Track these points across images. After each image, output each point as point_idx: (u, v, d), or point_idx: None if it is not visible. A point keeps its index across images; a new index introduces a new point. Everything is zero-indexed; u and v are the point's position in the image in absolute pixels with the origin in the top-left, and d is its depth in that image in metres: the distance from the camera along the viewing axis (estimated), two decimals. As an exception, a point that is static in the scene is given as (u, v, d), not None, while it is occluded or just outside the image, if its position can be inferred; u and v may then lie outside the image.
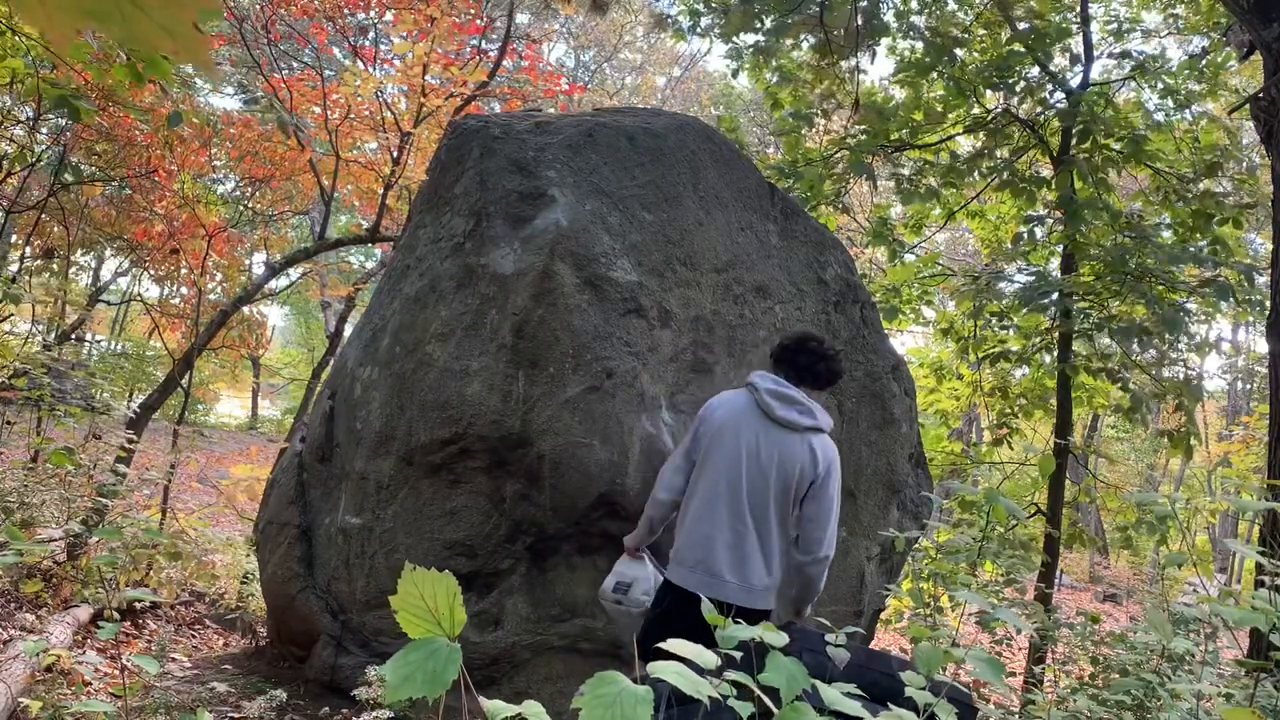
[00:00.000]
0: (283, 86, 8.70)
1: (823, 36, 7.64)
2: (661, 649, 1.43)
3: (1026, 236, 7.98)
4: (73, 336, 10.99)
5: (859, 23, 7.41)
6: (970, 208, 9.13)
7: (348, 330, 8.16)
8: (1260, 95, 5.88)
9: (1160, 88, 7.77)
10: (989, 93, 8.16)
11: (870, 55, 7.90)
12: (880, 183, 8.85)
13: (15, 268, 9.71)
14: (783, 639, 1.62)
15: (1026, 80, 7.84)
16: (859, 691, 1.73)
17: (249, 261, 16.93)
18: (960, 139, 8.89)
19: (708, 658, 1.47)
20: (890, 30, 8.08)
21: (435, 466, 4.05)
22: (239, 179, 12.75)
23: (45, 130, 7.75)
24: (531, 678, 4.01)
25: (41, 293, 9.73)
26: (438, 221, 4.49)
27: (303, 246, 10.12)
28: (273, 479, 5.32)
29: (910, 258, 9.26)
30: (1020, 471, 9.16)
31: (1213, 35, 8.25)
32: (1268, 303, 6.06)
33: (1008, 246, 8.78)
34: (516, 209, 4.15)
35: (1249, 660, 2.98)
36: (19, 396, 5.90)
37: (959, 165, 8.07)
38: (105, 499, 5.26)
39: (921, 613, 3.73)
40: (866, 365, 5.29)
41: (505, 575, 4.04)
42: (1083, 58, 7.92)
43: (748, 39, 8.51)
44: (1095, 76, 8.23)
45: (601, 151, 4.35)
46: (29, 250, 9.80)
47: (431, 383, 4.05)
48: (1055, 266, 8.30)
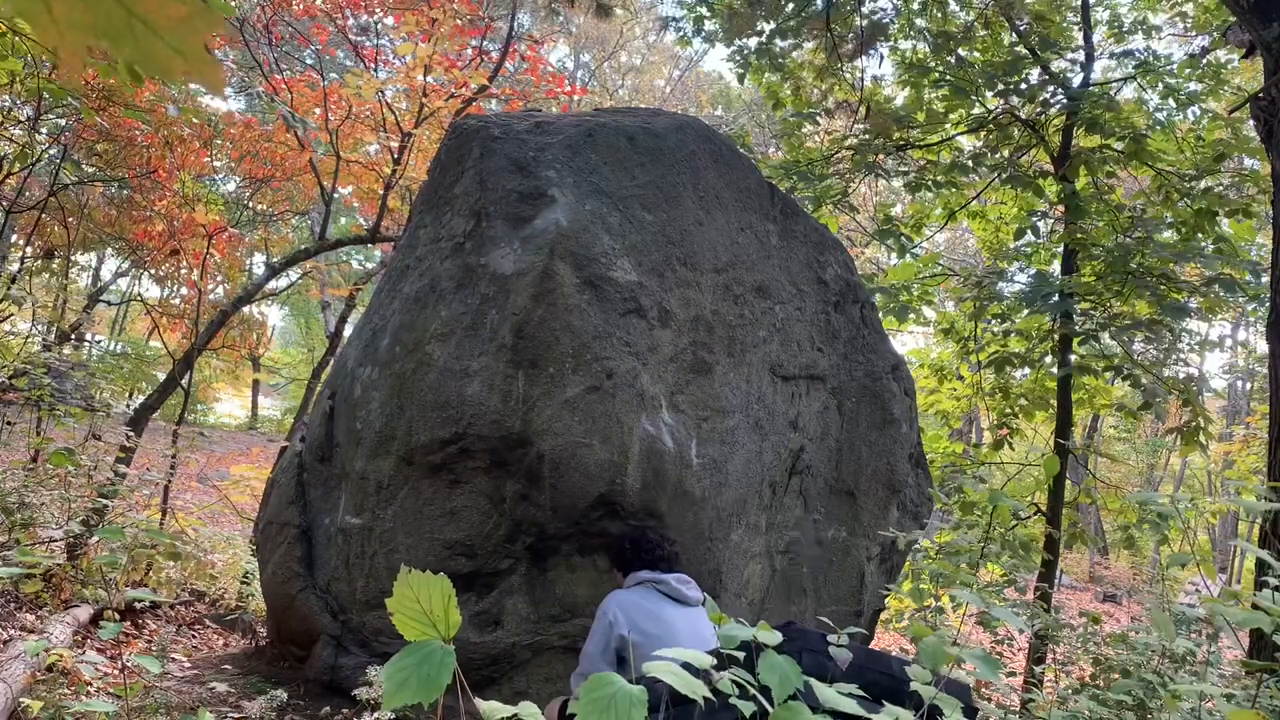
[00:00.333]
0: (284, 88, 8.70)
1: (827, 37, 7.65)
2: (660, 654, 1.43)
3: (1030, 233, 7.97)
4: (73, 336, 10.99)
5: (862, 28, 7.41)
6: (971, 208, 9.13)
7: (348, 330, 8.16)
8: (1260, 95, 5.87)
9: (1161, 88, 7.75)
10: (990, 93, 8.16)
11: (878, 60, 7.96)
12: (881, 182, 8.85)
13: (15, 268, 9.71)
14: (777, 638, 1.62)
15: (1028, 82, 7.83)
16: (859, 691, 1.72)
17: (249, 262, 16.98)
18: (962, 139, 8.88)
19: (703, 659, 1.46)
20: (893, 30, 8.08)
21: (435, 466, 4.04)
22: (240, 179, 12.76)
23: (45, 130, 7.74)
24: (532, 678, 4.01)
25: (41, 293, 9.74)
26: (438, 221, 4.49)
27: (303, 247, 10.12)
28: (273, 479, 5.32)
29: (910, 257, 9.25)
30: (1020, 472, 9.16)
31: (1214, 34, 8.24)
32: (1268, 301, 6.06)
33: (1009, 246, 8.78)
34: (516, 209, 4.15)
35: (1251, 661, 2.98)
36: (19, 397, 5.89)
37: (962, 161, 8.06)
38: (105, 499, 5.25)
39: (922, 613, 3.72)
40: (866, 365, 5.29)
41: (505, 575, 4.04)
42: (1084, 58, 7.92)
43: (750, 41, 8.52)
44: (1096, 76, 8.23)
45: (601, 151, 4.34)
46: (29, 250, 9.80)
47: (431, 383, 4.05)
48: (1056, 268, 8.29)
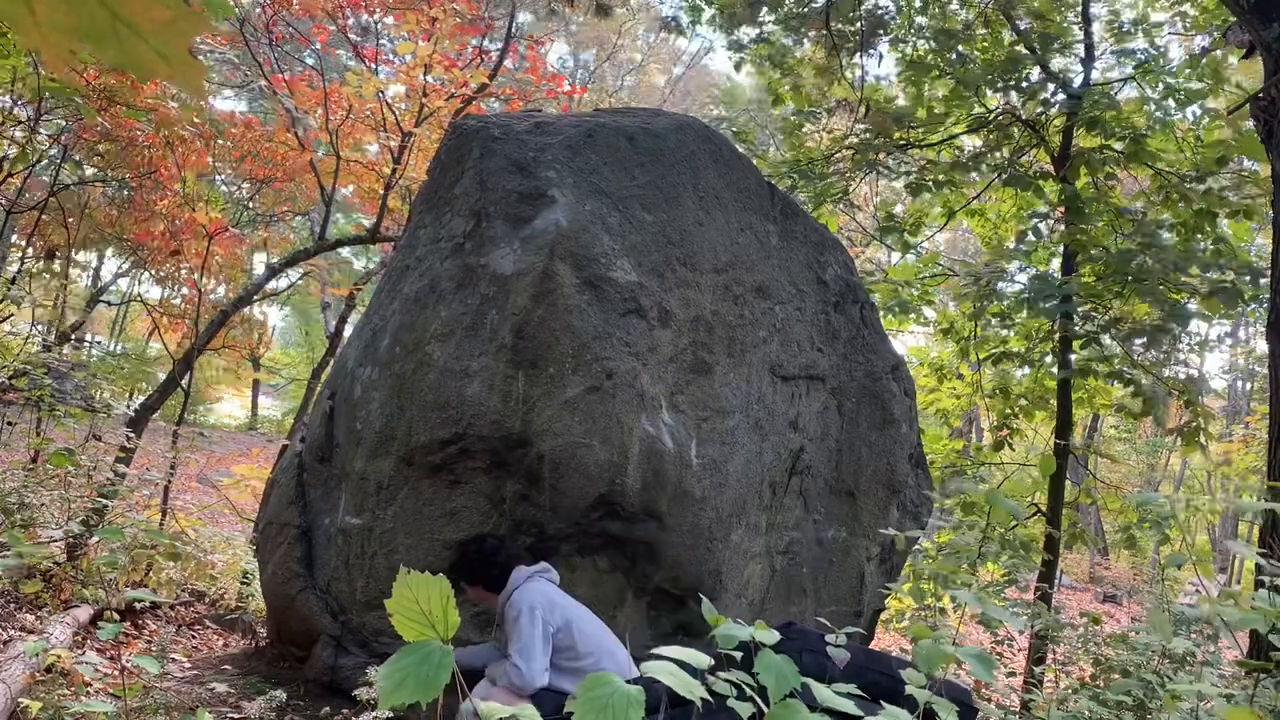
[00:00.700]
0: (284, 87, 8.70)
1: (827, 34, 7.65)
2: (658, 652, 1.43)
3: (1030, 235, 7.97)
4: (73, 337, 11.00)
5: (863, 25, 7.42)
6: (970, 207, 9.13)
7: (348, 330, 8.16)
8: (1260, 95, 5.87)
9: (1161, 88, 7.75)
10: (990, 92, 8.16)
11: (878, 59, 7.99)
12: (882, 181, 8.86)
13: (15, 268, 9.72)
14: (775, 638, 1.62)
15: (1029, 80, 7.83)
16: (858, 691, 1.72)
17: (250, 262, 16.98)
18: (962, 138, 8.89)
19: (701, 659, 1.47)
20: (893, 28, 8.09)
21: (435, 467, 4.04)
22: (240, 180, 12.76)
23: (45, 131, 7.74)
24: (531, 678, 4.01)
25: (42, 293, 9.74)
26: (438, 222, 4.49)
27: (303, 247, 10.12)
28: (273, 479, 5.32)
29: (911, 258, 9.26)
30: (1020, 472, 9.16)
31: (1215, 34, 8.23)
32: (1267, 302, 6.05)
33: (1009, 246, 8.78)
34: (516, 209, 4.15)
35: (1249, 661, 2.98)
36: (19, 397, 5.90)
37: (963, 161, 8.07)
38: (105, 499, 5.25)
39: (922, 613, 3.72)
40: (866, 365, 5.29)
41: (505, 575, 4.04)
42: (1084, 57, 7.92)
43: (750, 31, 8.53)
44: (1096, 76, 8.22)
45: (601, 152, 4.35)
46: (29, 250, 9.80)
47: (431, 383, 4.05)
48: (1056, 268, 8.29)
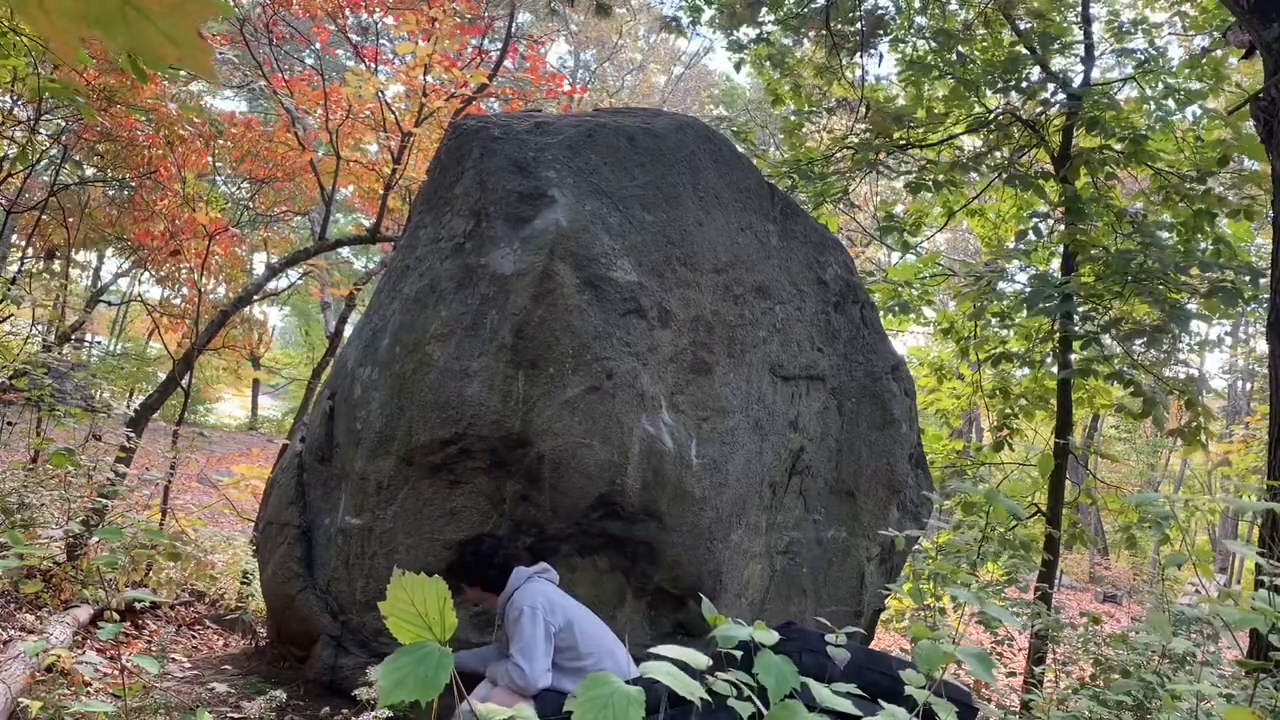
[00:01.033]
0: (284, 87, 8.70)
1: (827, 35, 7.65)
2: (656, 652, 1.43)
3: (1030, 234, 7.97)
4: (73, 337, 11.00)
5: (863, 25, 7.42)
6: (970, 207, 9.12)
7: (348, 330, 8.16)
8: (1260, 95, 5.87)
9: (1161, 88, 7.75)
10: (990, 92, 8.15)
11: (878, 59, 7.99)
12: (882, 181, 8.86)
13: (15, 268, 9.71)
14: (774, 638, 1.62)
15: (1029, 81, 7.82)
16: (858, 691, 1.72)
17: (250, 262, 16.98)
18: (962, 138, 8.88)
19: (700, 659, 1.47)
20: (893, 28, 8.09)
21: (435, 467, 4.04)
22: (240, 180, 12.76)
23: (45, 131, 7.75)
24: (531, 678, 4.01)
25: (42, 293, 9.74)
26: (438, 222, 4.49)
27: (303, 247, 10.12)
28: (273, 479, 5.32)
29: (911, 258, 9.25)
30: (1020, 472, 9.16)
31: (1214, 34, 8.23)
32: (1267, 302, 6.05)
33: (1009, 245, 8.77)
34: (516, 209, 4.15)
35: (1249, 661, 2.98)
36: (19, 397, 5.90)
37: (963, 161, 8.06)
38: (105, 499, 5.25)
39: (922, 613, 3.72)
40: (866, 365, 5.29)
41: (505, 575, 4.04)
42: (1084, 57, 7.92)
43: (750, 32, 8.53)
44: (1096, 76, 8.22)
45: (601, 152, 4.34)
46: (29, 250, 9.80)
47: (431, 383, 4.05)
48: (1056, 267, 8.29)
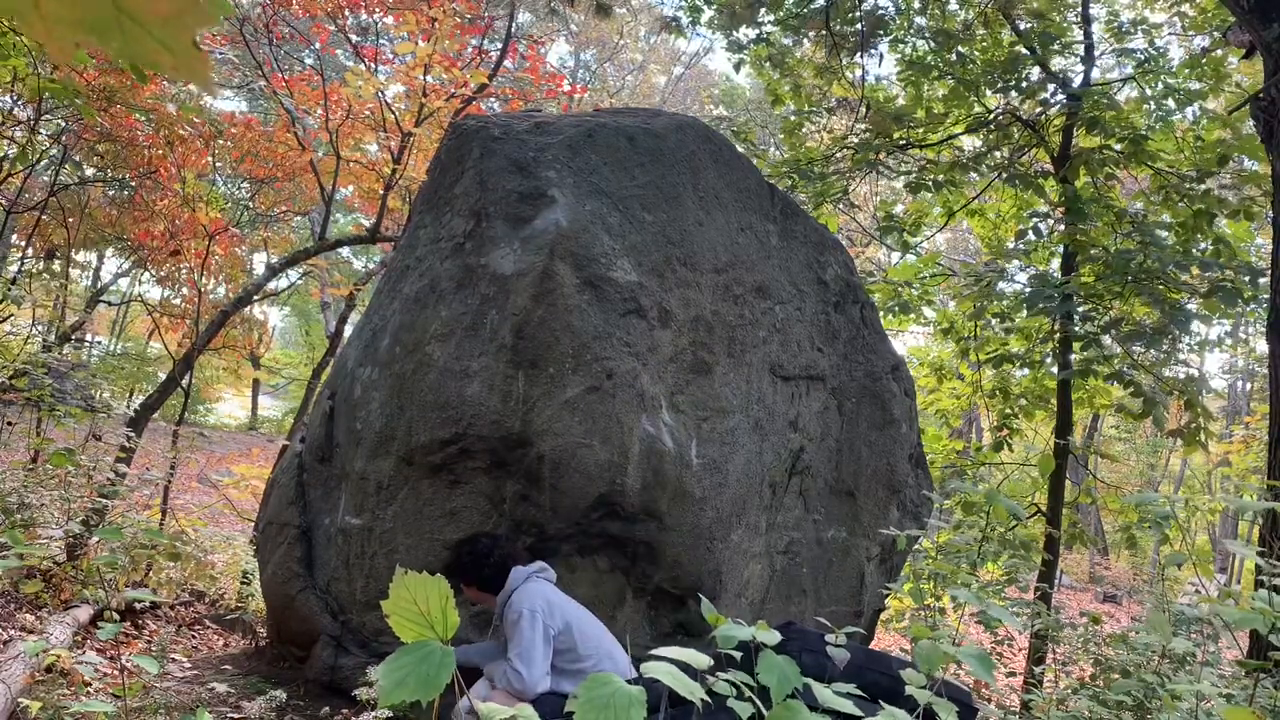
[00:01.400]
0: (284, 87, 8.70)
1: (827, 35, 7.65)
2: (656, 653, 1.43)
3: (1030, 234, 7.97)
4: (73, 337, 11.00)
5: (863, 25, 7.42)
6: (970, 207, 9.12)
7: (348, 330, 8.16)
8: (1260, 95, 5.87)
9: (1161, 88, 7.75)
10: (990, 92, 8.15)
11: (878, 59, 7.97)
12: (882, 181, 8.86)
13: (15, 268, 9.71)
14: (775, 638, 1.62)
15: (1029, 81, 7.82)
16: (858, 691, 1.72)
17: (250, 262, 16.99)
18: (962, 138, 8.88)
19: (700, 659, 1.47)
20: (893, 28, 8.08)
21: (435, 467, 4.05)
22: (240, 180, 12.77)
23: (45, 131, 7.75)
24: (531, 678, 4.01)
25: (42, 293, 9.74)
26: (438, 222, 4.49)
27: (303, 247, 10.12)
28: (273, 479, 5.32)
29: (911, 258, 9.25)
30: (1020, 472, 9.16)
31: (1215, 34, 8.23)
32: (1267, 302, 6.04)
33: (1009, 245, 8.77)
34: (516, 209, 4.15)
35: (1249, 661, 2.98)
36: (19, 397, 5.90)
37: (963, 161, 8.06)
38: (105, 499, 5.25)
39: (922, 613, 3.72)
40: (866, 365, 5.29)
41: (505, 575, 4.03)
42: (1084, 57, 7.92)
43: (749, 33, 8.52)
44: (1096, 76, 8.22)
45: (601, 152, 4.34)
46: (29, 250, 9.81)
47: (431, 383, 4.05)
48: (1056, 267, 8.28)
